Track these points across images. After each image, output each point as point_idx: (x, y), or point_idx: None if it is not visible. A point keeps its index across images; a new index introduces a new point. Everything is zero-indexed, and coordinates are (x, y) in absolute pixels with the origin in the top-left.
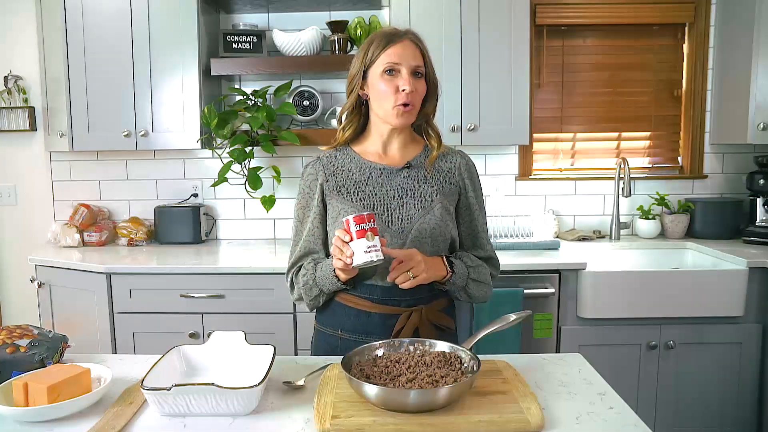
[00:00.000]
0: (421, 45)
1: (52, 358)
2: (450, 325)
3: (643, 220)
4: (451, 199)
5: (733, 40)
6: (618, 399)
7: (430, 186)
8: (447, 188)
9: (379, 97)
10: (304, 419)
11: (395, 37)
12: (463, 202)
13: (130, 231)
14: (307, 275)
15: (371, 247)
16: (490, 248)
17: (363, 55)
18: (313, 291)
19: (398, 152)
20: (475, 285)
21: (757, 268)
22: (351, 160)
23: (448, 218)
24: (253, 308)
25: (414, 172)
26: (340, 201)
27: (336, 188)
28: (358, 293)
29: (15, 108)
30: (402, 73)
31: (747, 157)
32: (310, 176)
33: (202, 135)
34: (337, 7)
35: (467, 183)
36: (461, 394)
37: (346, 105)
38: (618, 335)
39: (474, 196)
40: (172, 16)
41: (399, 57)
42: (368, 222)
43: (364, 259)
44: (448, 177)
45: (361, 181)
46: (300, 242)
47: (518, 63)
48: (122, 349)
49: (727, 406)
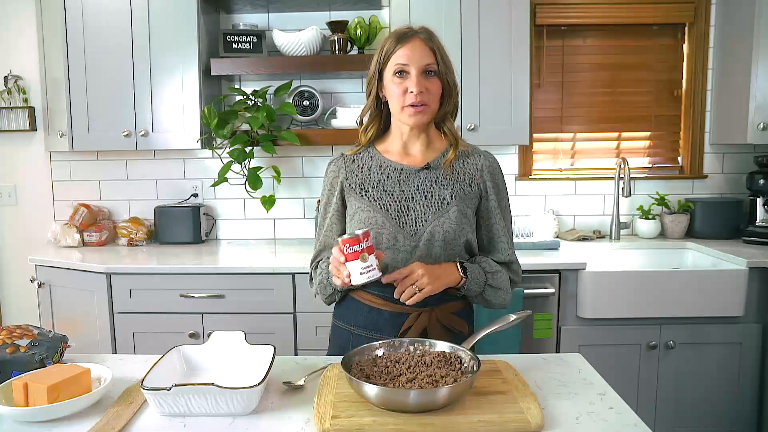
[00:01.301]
0: (433, 43)
1: (52, 358)
2: (463, 328)
3: (643, 220)
4: (470, 202)
5: (733, 40)
6: (618, 399)
7: (447, 188)
8: (466, 191)
9: (392, 98)
10: (304, 419)
11: (405, 37)
12: (484, 205)
13: (130, 231)
14: (321, 274)
15: (366, 268)
16: (510, 253)
17: (377, 57)
18: (327, 290)
19: (420, 152)
20: (492, 291)
21: (757, 268)
22: (372, 159)
23: (464, 222)
24: (253, 308)
25: (433, 173)
26: (358, 199)
27: (355, 186)
28: (371, 290)
29: (15, 108)
30: (411, 74)
31: (747, 157)
32: (332, 173)
33: (202, 135)
34: (337, 7)
35: (489, 186)
36: (461, 394)
37: (366, 106)
38: (618, 335)
39: (496, 199)
40: (172, 16)
41: (407, 58)
42: (363, 242)
43: (362, 280)
44: (468, 179)
45: (380, 181)
46: (320, 237)
47: (518, 63)
48: (122, 349)
49: (727, 406)
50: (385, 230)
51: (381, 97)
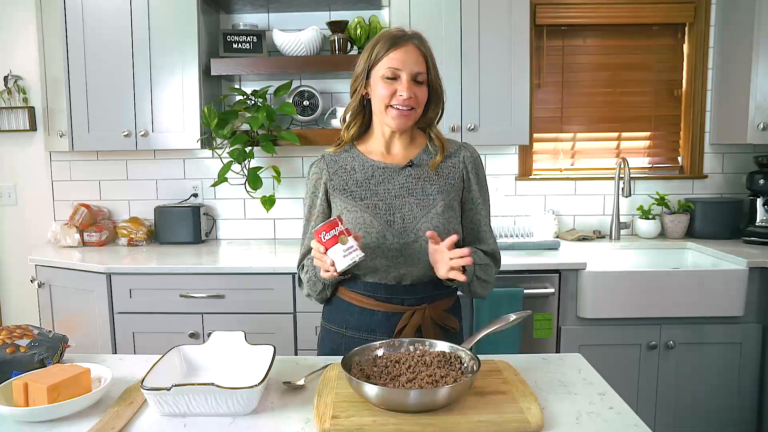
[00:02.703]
0: (425, 50)
1: (52, 358)
2: (455, 325)
3: (643, 220)
4: (455, 195)
5: (733, 40)
6: (618, 399)
7: (432, 184)
8: (450, 184)
9: (378, 99)
10: (304, 419)
11: (400, 40)
12: (466, 195)
13: (130, 231)
14: (309, 272)
15: (348, 250)
16: (492, 242)
17: (367, 55)
18: (317, 286)
19: (401, 151)
20: (479, 283)
21: (757, 268)
22: (354, 159)
23: (451, 216)
24: (253, 308)
25: (417, 170)
26: (343, 200)
27: (339, 187)
28: (363, 291)
29: (15, 108)
30: (402, 78)
31: (747, 157)
32: (315, 175)
33: (202, 135)
34: (337, 7)
35: (471, 176)
36: (461, 394)
37: (350, 104)
38: (618, 335)
39: (477, 189)
40: (172, 16)
41: (401, 63)
42: (339, 225)
43: (347, 263)
44: (451, 172)
45: (364, 180)
46: (305, 241)
47: (518, 63)
48: (122, 349)
49: (727, 406)
50: (373, 229)
51: (365, 95)
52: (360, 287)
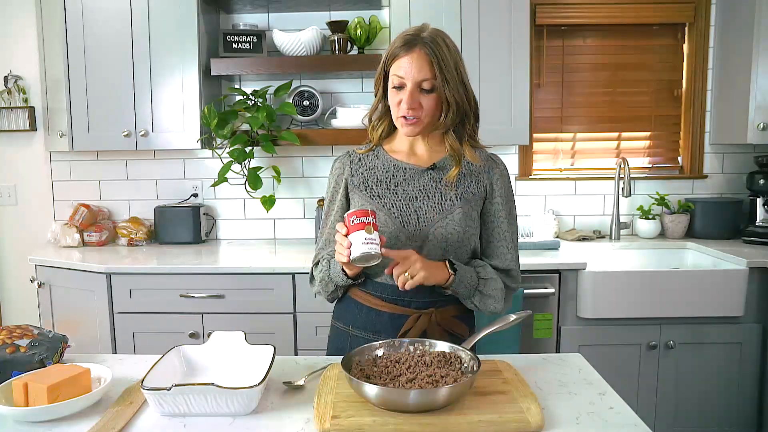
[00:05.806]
0: (435, 54)
1: (52, 358)
2: (464, 332)
3: (643, 220)
4: (475, 204)
5: (733, 40)
6: (618, 399)
7: (452, 189)
8: (471, 192)
9: (391, 105)
10: (304, 419)
11: (408, 45)
12: (487, 207)
13: (130, 231)
14: (322, 271)
15: (369, 240)
16: (509, 259)
17: (384, 59)
18: (329, 286)
19: (426, 153)
20: (480, 298)
21: (757, 268)
22: (378, 158)
23: (469, 224)
24: (253, 308)
25: (439, 173)
26: (361, 197)
27: (359, 184)
28: (371, 291)
29: (15, 108)
30: (406, 87)
31: (747, 157)
32: (337, 170)
33: (202, 135)
34: (337, 7)
35: (495, 188)
36: (461, 394)
37: (373, 105)
38: (618, 335)
39: (501, 202)
40: (172, 16)
41: (404, 72)
42: (369, 216)
43: (362, 250)
44: (474, 180)
45: (385, 179)
46: (324, 235)
47: (518, 63)
48: (122, 349)
49: (727, 406)
50: (387, 229)
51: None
52: (369, 286)
